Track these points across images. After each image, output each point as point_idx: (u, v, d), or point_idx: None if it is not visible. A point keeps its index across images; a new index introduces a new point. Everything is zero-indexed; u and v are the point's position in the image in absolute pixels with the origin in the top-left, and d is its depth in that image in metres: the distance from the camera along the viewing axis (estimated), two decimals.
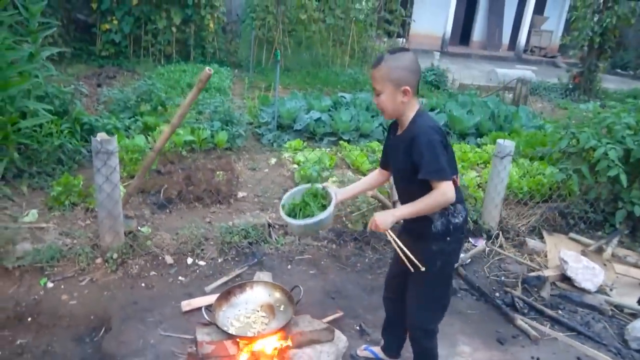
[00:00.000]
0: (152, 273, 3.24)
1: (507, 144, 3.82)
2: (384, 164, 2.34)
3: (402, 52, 2.00)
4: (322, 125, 6.09)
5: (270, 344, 2.44)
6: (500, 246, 3.97)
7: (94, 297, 2.98)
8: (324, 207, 2.26)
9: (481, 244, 3.91)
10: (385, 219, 2.02)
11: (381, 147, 5.68)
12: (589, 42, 10.52)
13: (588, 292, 3.44)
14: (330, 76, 9.87)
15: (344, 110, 6.40)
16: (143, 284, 3.13)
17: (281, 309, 2.58)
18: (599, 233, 4.30)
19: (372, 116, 6.47)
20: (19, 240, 3.23)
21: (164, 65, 9.15)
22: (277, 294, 2.66)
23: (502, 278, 3.61)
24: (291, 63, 10.66)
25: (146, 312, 2.88)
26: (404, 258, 2.10)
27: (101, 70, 8.90)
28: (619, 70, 17.80)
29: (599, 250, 3.97)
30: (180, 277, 3.24)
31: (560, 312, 3.30)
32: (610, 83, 13.45)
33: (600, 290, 3.49)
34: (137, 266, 3.26)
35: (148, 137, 5.02)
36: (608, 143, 3.87)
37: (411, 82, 1.97)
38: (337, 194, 2.29)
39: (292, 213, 2.30)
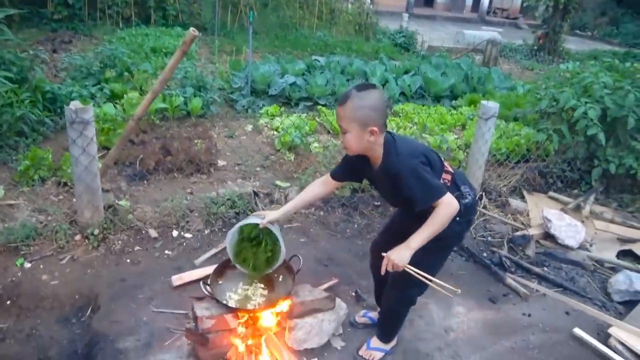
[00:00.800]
0: (137, 248, 3.10)
1: (492, 105, 3.81)
2: (339, 177, 2.24)
3: (369, 90, 1.88)
4: (297, 89, 5.93)
5: (271, 315, 2.39)
6: (484, 207, 4.02)
7: (77, 275, 2.82)
8: (269, 251, 2.33)
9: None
10: (402, 256, 1.94)
11: None
12: (554, 3, 10.61)
13: (571, 248, 3.54)
14: (299, 39, 9.61)
15: (319, 74, 6.25)
16: (128, 260, 2.99)
17: (280, 279, 2.52)
18: (575, 191, 4.42)
19: (347, 80, 6.35)
20: None
21: (123, 29, 8.65)
22: None
23: (489, 238, 3.67)
24: (258, 26, 10.26)
25: (135, 289, 2.76)
26: (437, 288, 2.04)
27: (55, 35, 8.32)
28: (577, 31, 18.19)
29: (577, 208, 4.09)
30: (166, 251, 3.12)
31: (545, 269, 3.39)
32: (571, 44, 13.73)
33: (582, 247, 3.60)
34: (119, 242, 3.11)
35: (116, 105, 4.74)
36: (587, 102, 3.92)
37: (378, 121, 1.88)
38: (270, 216, 2.25)
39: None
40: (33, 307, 2.65)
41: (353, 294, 2.95)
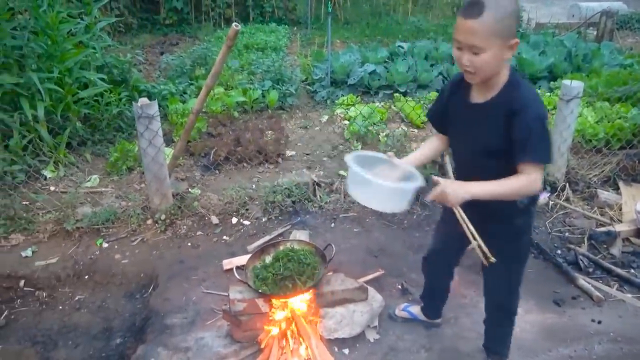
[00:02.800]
0: (199, 233, 3.33)
1: (575, 85, 3.39)
2: (443, 128, 1.96)
3: None
4: (376, 78, 5.83)
5: (302, 302, 2.43)
6: (567, 199, 3.62)
7: (144, 256, 3.12)
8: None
9: (544, 197, 3.58)
10: (456, 194, 1.63)
11: (429, 98, 5.34)
12: None
13: None
14: (391, 26, 9.39)
15: (401, 60, 6.07)
16: (189, 244, 3.23)
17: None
18: None
19: (431, 65, 6.08)
20: (79, 204, 3.45)
21: (223, 29, 9.20)
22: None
23: (566, 234, 3.30)
24: (351, 15, 10.26)
25: (191, 271, 2.98)
26: (476, 248, 1.77)
27: (165, 39, 9.14)
28: None
29: None
30: (224, 237, 3.31)
31: (633, 270, 2.96)
32: None
33: None
34: (185, 226, 3.36)
35: None
36: None
37: (516, 30, 1.58)
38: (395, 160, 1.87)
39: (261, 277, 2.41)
40: (105, 283, 2.99)
41: (399, 286, 2.86)
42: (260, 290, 2.35)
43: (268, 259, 2.54)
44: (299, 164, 4.26)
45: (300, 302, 2.43)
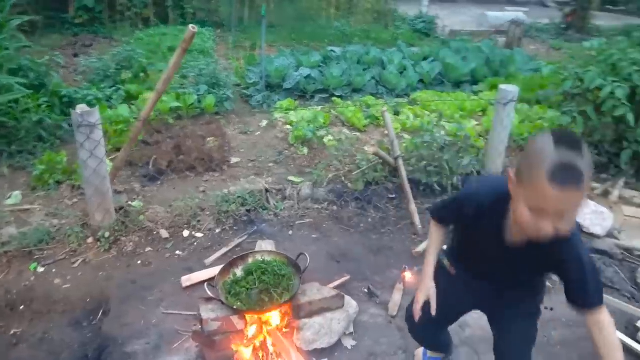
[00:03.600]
0: (148, 249, 3.10)
1: (510, 89, 3.64)
2: (445, 222, 1.85)
3: (582, 144, 1.27)
4: (312, 82, 5.84)
5: (279, 316, 2.34)
6: None
7: (89, 278, 2.84)
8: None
9: None
10: None
11: (375, 101, 5.47)
12: None
13: (597, 237, 3.36)
14: (317, 30, 9.47)
15: (335, 65, 6.14)
16: (139, 262, 3.00)
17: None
18: (604, 175, 4.19)
19: (364, 69, 6.21)
20: (3, 225, 3.07)
21: (142, 30, 8.71)
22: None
23: None
24: (275, 19, 10.18)
25: (145, 291, 2.76)
26: None
27: (76, 39, 8.45)
28: (609, 7, 17.32)
29: (605, 194, 3.88)
30: (177, 252, 3.11)
31: None
32: (602, 20, 13.05)
33: (609, 235, 3.41)
34: (131, 243, 3.11)
35: (132, 106, 4.77)
36: (614, 81, 3.69)
37: None
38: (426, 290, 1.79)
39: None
40: (46, 311, 2.68)
41: (365, 290, 2.87)
42: (235, 307, 2.23)
43: (239, 273, 2.42)
44: (246, 171, 4.13)
45: (275, 315, 2.35)
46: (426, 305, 1.79)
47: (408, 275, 2.95)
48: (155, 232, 3.21)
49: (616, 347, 1.47)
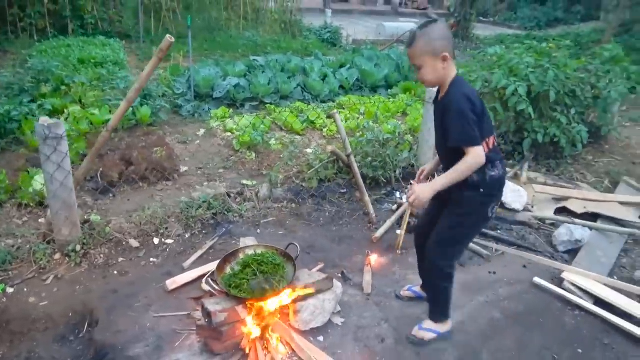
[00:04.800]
0: (121, 259, 3.09)
1: (435, 89, 4.15)
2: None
3: (431, 24, 2.08)
4: (241, 90, 6.00)
5: (278, 301, 2.53)
6: None
7: (66, 294, 2.78)
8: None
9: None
10: (424, 191, 2.13)
11: (305, 107, 5.80)
12: None
13: (517, 211, 3.99)
14: (228, 41, 9.59)
15: (260, 73, 6.35)
16: (115, 272, 2.98)
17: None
18: (511, 162, 4.92)
19: (289, 77, 6.51)
20: None
21: (41, 42, 8.16)
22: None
23: None
24: (183, 29, 10.08)
25: (130, 298, 2.77)
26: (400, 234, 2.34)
27: None
28: (481, 18, 19.58)
29: (516, 176, 4.58)
30: (151, 259, 3.13)
31: (499, 231, 3.80)
32: (479, 30, 14.79)
33: (525, 209, 4.06)
34: (101, 255, 3.08)
35: (66, 120, 4.57)
36: (516, 81, 4.40)
37: (447, 48, 2.07)
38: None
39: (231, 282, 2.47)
40: (26, 331, 2.58)
41: (340, 275, 3.14)
42: (241, 297, 2.39)
43: (235, 267, 2.57)
44: (197, 178, 4.20)
45: (274, 301, 2.54)
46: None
47: (373, 259, 3.29)
48: (124, 243, 3.19)
49: (454, 170, 2.08)
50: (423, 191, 2.13)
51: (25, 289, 2.76)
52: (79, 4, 8.90)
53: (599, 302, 3.01)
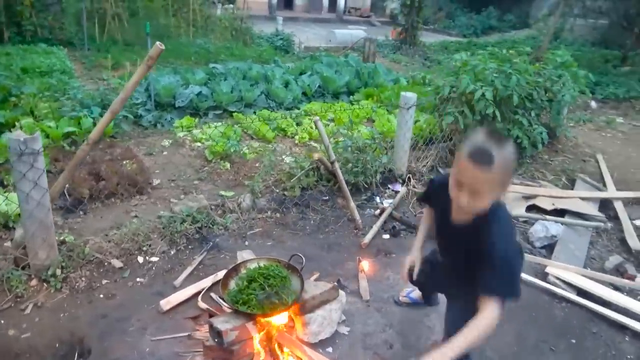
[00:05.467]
0: (105, 281, 2.88)
1: (410, 96, 4.25)
2: (429, 202, 2.16)
3: (508, 144, 1.59)
4: (204, 99, 5.83)
5: (286, 315, 2.46)
6: (413, 187, 4.46)
7: (50, 323, 2.55)
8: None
9: (400, 188, 4.34)
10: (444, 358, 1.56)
11: (273, 115, 5.73)
12: (409, 2, 11.81)
13: None
14: (179, 48, 9.31)
15: (223, 81, 6.21)
16: (101, 295, 2.77)
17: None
18: None
19: (252, 85, 6.40)
20: None
21: None
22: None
23: None
24: (130, 37, 9.71)
25: (122, 322, 2.59)
26: None
27: None
28: (422, 25, 20.33)
29: None
30: (138, 279, 2.95)
31: None
32: (422, 37, 15.36)
33: None
34: (83, 278, 2.85)
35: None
36: (482, 86, 4.57)
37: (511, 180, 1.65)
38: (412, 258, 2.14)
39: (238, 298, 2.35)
40: None
41: (335, 283, 3.10)
42: (252, 313, 2.29)
43: (239, 283, 2.47)
44: (171, 191, 4.02)
45: (282, 315, 2.46)
46: (411, 270, 2.20)
47: (365, 265, 3.28)
48: (106, 263, 2.98)
49: (475, 328, 1.59)
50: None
51: (2, 321, 2.51)
52: (16, 9, 8.31)
53: (581, 293, 3.18)
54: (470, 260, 1.71)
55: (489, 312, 1.61)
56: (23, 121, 4.57)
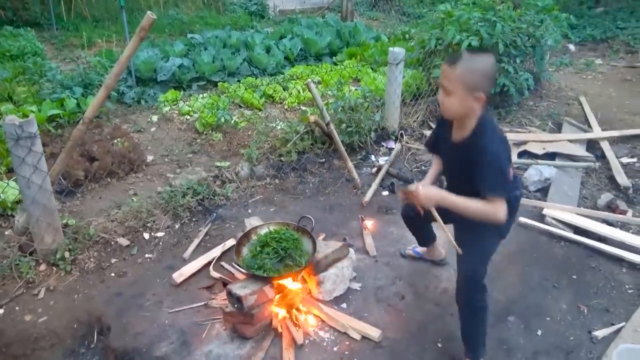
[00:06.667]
0: (114, 260, 2.88)
1: (398, 51, 4.21)
2: (434, 148, 2.30)
3: (483, 55, 1.86)
4: (186, 71, 5.70)
5: (302, 276, 2.51)
6: (406, 142, 4.49)
7: (65, 305, 2.56)
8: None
9: (394, 145, 4.37)
10: (430, 197, 1.92)
11: (259, 82, 5.64)
12: None
13: None
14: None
15: (203, 51, 6.06)
16: (112, 274, 2.78)
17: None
18: None
19: (232, 53, 6.27)
20: None
21: None
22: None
23: (423, 167, 4.14)
24: (97, 11, 9.34)
25: (137, 298, 2.61)
26: (449, 242, 2.07)
27: None
28: None
29: None
30: (146, 255, 2.96)
31: None
32: None
33: None
34: (91, 259, 2.85)
35: None
36: (468, 36, 4.55)
37: (487, 89, 1.85)
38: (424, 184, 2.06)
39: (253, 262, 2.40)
40: (30, 352, 2.35)
41: (342, 242, 3.15)
42: (267, 276, 2.33)
43: (252, 249, 2.49)
44: (166, 166, 3.99)
45: (297, 277, 2.51)
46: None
47: (368, 222, 3.33)
48: (113, 243, 2.98)
49: (476, 203, 1.86)
50: (429, 198, 1.93)
51: (17, 308, 2.51)
52: None
53: (577, 231, 3.29)
54: (470, 171, 1.88)
55: (490, 205, 1.84)
56: (2, 107, 4.43)
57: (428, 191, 1.94)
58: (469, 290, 2.11)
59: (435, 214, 2.01)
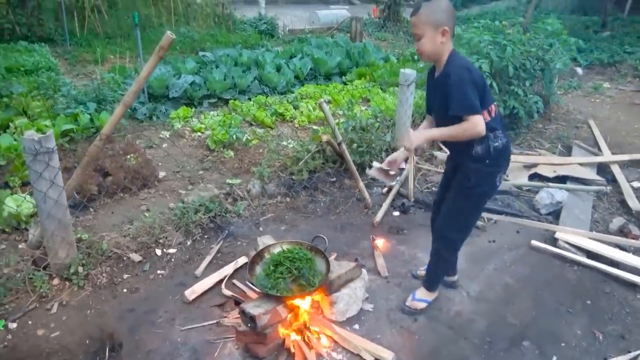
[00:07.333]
0: (126, 276, 2.88)
1: (409, 72, 4.25)
2: (430, 108, 2.47)
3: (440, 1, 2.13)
4: (197, 88, 5.77)
5: (315, 296, 2.50)
6: (417, 163, 4.50)
7: (77, 320, 2.55)
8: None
9: (405, 165, 4.37)
10: (417, 135, 2.22)
11: (269, 100, 5.70)
12: None
13: None
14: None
15: (214, 69, 6.14)
16: (125, 290, 2.78)
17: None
18: None
19: (243, 71, 6.35)
20: None
21: None
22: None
23: (433, 189, 4.15)
24: (111, 29, 9.50)
25: (150, 315, 2.61)
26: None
27: None
28: (404, 1, 20.19)
29: None
30: (158, 271, 2.96)
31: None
32: (404, 13, 15.28)
33: (503, 179, 4.28)
34: (104, 275, 2.85)
35: (13, 134, 4.15)
36: (478, 58, 4.60)
37: (448, 23, 2.11)
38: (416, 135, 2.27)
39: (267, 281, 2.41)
40: None
41: (354, 262, 3.15)
42: (280, 295, 2.32)
43: (265, 267, 2.49)
44: (178, 182, 4.01)
45: (309, 296, 2.50)
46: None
47: (380, 243, 3.33)
48: (125, 258, 2.98)
49: (453, 127, 2.14)
50: (417, 137, 2.22)
51: (30, 322, 2.51)
52: None
53: (590, 255, 3.27)
54: (446, 99, 2.13)
55: (467, 122, 2.10)
56: (17, 121, 4.48)
57: (416, 132, 2.25)
58: (439, 243, 2.56)
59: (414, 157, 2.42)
